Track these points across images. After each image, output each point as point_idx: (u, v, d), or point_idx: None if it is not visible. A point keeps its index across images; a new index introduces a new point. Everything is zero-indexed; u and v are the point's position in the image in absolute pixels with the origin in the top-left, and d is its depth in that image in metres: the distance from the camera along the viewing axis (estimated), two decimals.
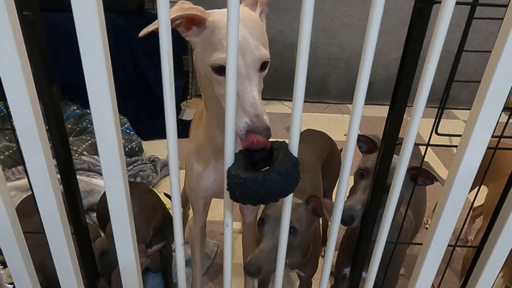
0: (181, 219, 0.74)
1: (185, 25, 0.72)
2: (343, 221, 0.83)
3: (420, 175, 0.89)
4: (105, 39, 0.55)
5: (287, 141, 0.63)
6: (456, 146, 0.71)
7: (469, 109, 0.63)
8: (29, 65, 0.60)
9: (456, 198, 0.69)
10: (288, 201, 0.68)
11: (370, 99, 3.38)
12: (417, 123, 0.62)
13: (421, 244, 0.80)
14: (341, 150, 1.48)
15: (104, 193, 0.72)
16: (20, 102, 0.61)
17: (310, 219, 0.98)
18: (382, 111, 3.05)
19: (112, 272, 1.01)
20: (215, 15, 0.71)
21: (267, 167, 0.61)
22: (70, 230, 0.78)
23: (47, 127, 0.67)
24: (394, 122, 0.67)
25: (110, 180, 0.67)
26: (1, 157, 1.98)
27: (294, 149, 0.62)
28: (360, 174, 0.95)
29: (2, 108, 2.24)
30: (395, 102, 0.65)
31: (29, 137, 0.64)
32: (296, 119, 0.59)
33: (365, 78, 0.57)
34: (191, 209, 1.12)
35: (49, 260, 0.78)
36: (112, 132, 0.62)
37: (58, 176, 0.72)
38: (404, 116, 0.66)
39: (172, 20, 0.65)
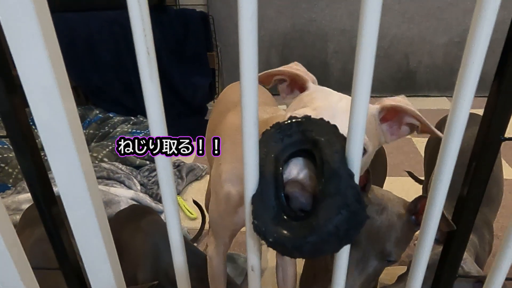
0: (180, 229, 0.55)
1: (289, 86, 0.65)
2: None
3: None
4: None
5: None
6: None
7: None
8: None
9: None
10: None
11: (413, 90, 3.08)
12: None
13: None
14: None
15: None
16: None
17: (409, 236, 0.68)
18: (428, 103, 2.75)
19: None
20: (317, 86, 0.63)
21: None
22: (55, 265, 0.61)
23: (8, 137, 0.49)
24: (500, 116, 0.45)
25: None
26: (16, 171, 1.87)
27: (356, 161, 0.39)
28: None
29: None
30: (499, 91, 0.43)
31: None
32: (359, 118, 0.38)
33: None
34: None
35: None
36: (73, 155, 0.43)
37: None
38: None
39: (276, 74, 0.62)
